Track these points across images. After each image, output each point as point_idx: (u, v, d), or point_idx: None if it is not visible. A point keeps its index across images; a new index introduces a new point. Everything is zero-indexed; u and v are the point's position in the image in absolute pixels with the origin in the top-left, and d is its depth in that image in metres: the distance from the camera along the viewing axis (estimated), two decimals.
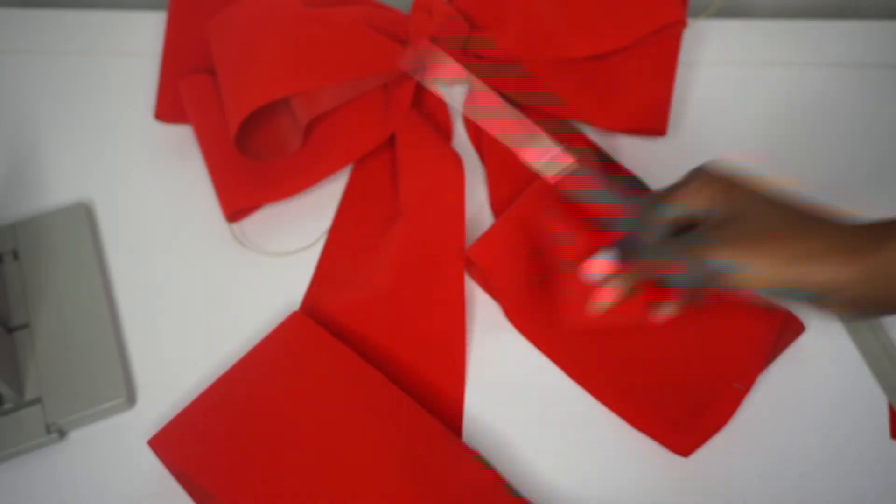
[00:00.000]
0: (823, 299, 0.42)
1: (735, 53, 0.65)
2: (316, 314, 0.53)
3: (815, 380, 0.52)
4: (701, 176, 0.46)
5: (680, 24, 0.60)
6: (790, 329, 0.52)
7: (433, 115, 0.61)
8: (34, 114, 0.63)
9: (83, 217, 0.57)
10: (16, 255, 0.55)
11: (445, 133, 0.61)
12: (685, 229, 0.46)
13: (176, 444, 0.47)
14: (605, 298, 0.48)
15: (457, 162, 0.58)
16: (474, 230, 0.57)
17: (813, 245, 0.42)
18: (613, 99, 0.59)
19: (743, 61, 0.64)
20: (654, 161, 0.60)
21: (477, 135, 0.61)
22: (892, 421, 0.50)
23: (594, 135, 0.61)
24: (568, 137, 0.54)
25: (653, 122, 0.59)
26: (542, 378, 0.52)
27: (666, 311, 0.48)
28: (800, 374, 0.52)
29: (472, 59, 0.60)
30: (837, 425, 0.50)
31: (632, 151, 0.60)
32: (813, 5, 0.73)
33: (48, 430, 0.49)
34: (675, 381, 0.51)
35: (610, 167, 0.59)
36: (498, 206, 0.58)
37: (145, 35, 0.66)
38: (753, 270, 0.42)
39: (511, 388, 0.52)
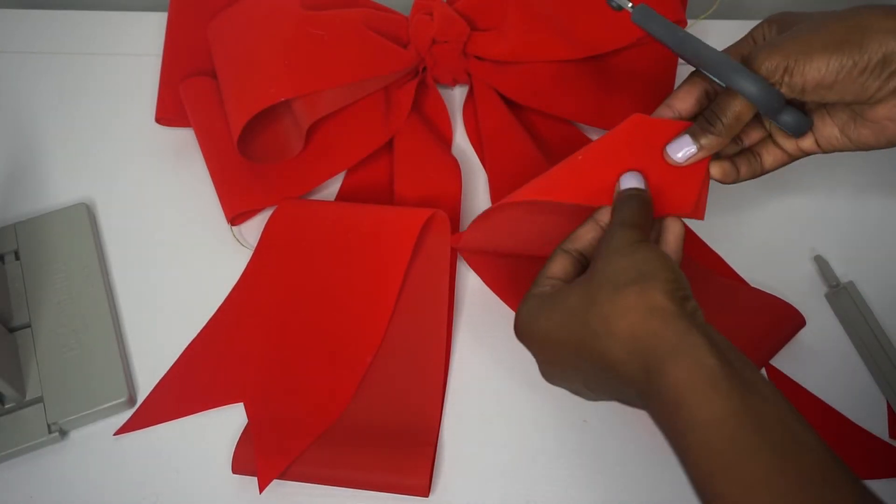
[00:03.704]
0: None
1: None
2: None
3: (815, 377, 0.52)
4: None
5: (680, 24, 0.60)
6: (791, 323, 0.52)
7: (433, 116, 0.61)
8: (34, 114, 0.63)
9: (84, 217, 0.57)
10: (17, 256, 0.55)
11: (445, 135, 0.61)
12: None
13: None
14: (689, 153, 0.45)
15: (455, 169, 0.58)
16: None
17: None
18: (613, 99, 0.60)
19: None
20: None
21: (477, 136, 0.61)
22: (891, 421, 0.50)
23: (595, 135, 0.61)
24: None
25: None
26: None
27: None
28: (799, 372, 0.52)
29: (473, 61, 0.60)
30: None
31: None
32: (812, 6, 0.73)
33: (49, 430, 0.49)
34: None
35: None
36: None
37: (145, 35, 0.66)
38: (808, 67, 0.41)
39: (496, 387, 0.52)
